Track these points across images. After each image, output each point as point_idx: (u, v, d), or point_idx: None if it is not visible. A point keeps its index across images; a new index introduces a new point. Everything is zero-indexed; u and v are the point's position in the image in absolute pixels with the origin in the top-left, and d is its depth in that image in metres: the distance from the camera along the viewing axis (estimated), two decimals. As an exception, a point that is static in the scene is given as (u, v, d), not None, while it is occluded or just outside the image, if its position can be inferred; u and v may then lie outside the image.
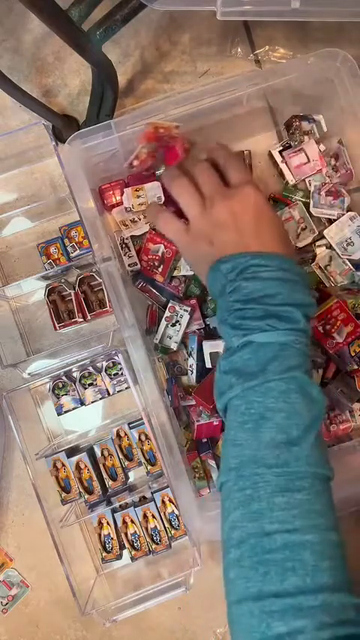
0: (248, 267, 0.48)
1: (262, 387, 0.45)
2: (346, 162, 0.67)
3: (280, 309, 0.46)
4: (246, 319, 0.47)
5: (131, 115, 0.61)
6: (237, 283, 0.48)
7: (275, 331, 0.45)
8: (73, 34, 0.57)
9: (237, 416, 0.46)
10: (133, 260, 0.69)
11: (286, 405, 0.44)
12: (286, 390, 0.44)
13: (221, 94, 0.62)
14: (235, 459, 0.44)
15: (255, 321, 0.46)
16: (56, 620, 0.78)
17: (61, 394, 0.74)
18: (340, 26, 0.74)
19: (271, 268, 0.47)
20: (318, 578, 0.38)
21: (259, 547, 0.40)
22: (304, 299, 0.48)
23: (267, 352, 0.45)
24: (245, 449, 0.44)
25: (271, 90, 0.64)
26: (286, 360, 0.45)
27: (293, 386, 0.44)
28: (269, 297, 0.46)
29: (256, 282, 0.47)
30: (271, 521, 0.40)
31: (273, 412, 0.43)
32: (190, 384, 0.70)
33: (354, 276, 0.69)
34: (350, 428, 0.68)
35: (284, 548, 0.39)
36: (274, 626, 0.37)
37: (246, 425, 0.44)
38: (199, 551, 0.69)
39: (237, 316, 0.47)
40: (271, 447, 0.42)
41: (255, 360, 0.46)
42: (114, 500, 0.73)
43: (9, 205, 0.76)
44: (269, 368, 0.45)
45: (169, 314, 0.68)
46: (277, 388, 0.44)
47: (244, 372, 0.46)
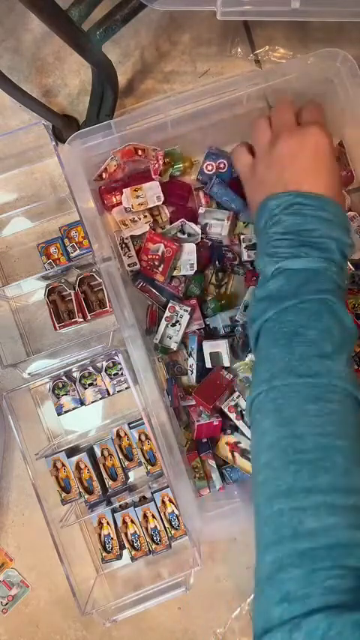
0: (293, 204, 0.49)
1: (295, 308, 0.45)
2: (347, 164, 0.67)
3: (317, 240, 0.47)
4: (282, 247, 0.48)
5: (131, 115, 0.61)
6: (278, 217, 0.49)
7: (308, 257, 0.47)
8: (73, 34, 0.57)
9: (270, 336, 0.46)
10: (132, 260, 0.69)
11: (318, 324, 0.44)
12: (318, 310, 0.45)
13: (221, 94, 0.61)
14: (266, 372, 0.45)
15: (290, 249, 0.48)
16: (56, 620, 0.78)
17: (61, 394, 0.74)
18: (340, 26, 0.74)
19: (314, 207, 0.48)
20: (350, 481, 0.37)
21: (291, 448, 0.39)
22: (342, 237, 0.49)
23: (300, 277, 0.47)
24: (277, 362, 0.44)
25: (271, 90, 0.64)
26: (319, 284, 0.46)
27: (326, 307, 0.45)
28: (307, 231, 0.48)
29: (297, 217, 0.48)
30: (303, 424, 0.40)
31: (306, 329, 0.44)
32: (190, 384, 0.70)
33: (354, 276, 0.69)
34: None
35: (316, 450, 0.39)
36: (306, 522, 0.36)
37: (279, 342, 0.45)
38: (199, 551, 0.69)
39: (274, 245, 0.49)
40: (304, 358, 0.43)
41: (288, 285, 0.47)
42: (114, 500, 0.73)
43: (9, 205, 0.76)
44: (302, 290, 0.46)
45: (169, 314, 0.68)
46: (309, 308, 0.45)
47: (277, 296, 0.47)
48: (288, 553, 0.36)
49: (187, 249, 0.67)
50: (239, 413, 0.67)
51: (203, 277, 0.71)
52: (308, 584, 0.34)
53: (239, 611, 0.76)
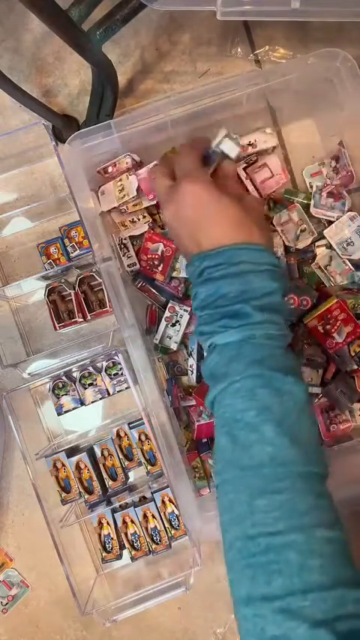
0: (202, 270, 0.48)
1: (230, 389, 0.44)
2: (347, 164, 0.67)
3: (231, 309, 0.46)
4: (207, 324, 0.47)
5: (131, 115, 0.61)
6: (196, 289, 0.49)
7: (229, 330, 0.45)
8: (73, 34, 0.57)
9: (217, 421, 0.46)
10: (132, 260, 0.69)
11: (254, 403, 0.43)
12: (251, 387, 0.43)
13: (221, 94, 0.61)
14: (219, 462, 0.44)
15: (212, 325, 0.46)
16: (56, 620, 0.78)
17: (61, 394, 0.74)
18: (340, 26, 0.74)
19: (220, 267, 0.46)
20: (306, 578, 0.37)
21: (245, 551, 0.39)
22: (261, 289, 0.46)
23: (229, 352, 0.45)
24: (225, 452, 0.44)
25: (271, 90, 0.64)
26: (246, 357, 0.44)
27: (258, 381, 0.43)
28: (222, 298, 0.46)
29: (210, 285, 0.47)
30: (253, 524, 0.40)
31: (243, 412, 0.43)
32: (190, 384, 0.70)
33: (354, 276, 0.69)
34: (350, 428, 0.68)
35: (267, 551, 0.38)
36: (267, 629, 0.36)
37: (223, 428, 0.44)
38: (199, 551, 0.69)
39: (199, 322, 0.48)
40: (246, 447, 0.42)
41: (221, 362, 0.46)
42: (114, 500, 0.73)
43: (9, 205, 0.76)
44: (231, 369, 0.44)
45: (169, 314, 0.68)
46: (243, 387, 0.44)
47: (215, 375, 0.46)
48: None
49: None
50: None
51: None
52: None
53: (239, 611, 0.76)
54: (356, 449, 0.68)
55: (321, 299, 0.67)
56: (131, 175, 0.66)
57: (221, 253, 0.47)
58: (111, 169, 0.67)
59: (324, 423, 0.68)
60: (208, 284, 0.47)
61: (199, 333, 0.49)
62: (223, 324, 0.46)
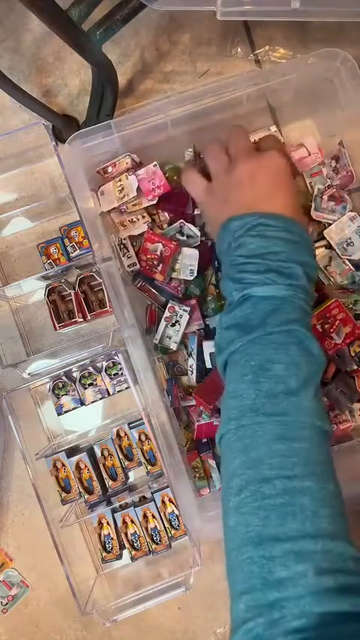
0: (256, 225, 0.48)
1: (261, 339, 0.45)
2: (347, 164, 0.67)
3: (282, 265, 0.47)
4: (247, 272, 0.47)
5: (131, 115, 0.61)
6: (242, 239, 0.49)
7: (275, 285, 0.46)
8: (73, 34, 0.57)
9: (237, 369, 0.46)
10: (132, 261, 0.69)
11: (285, 357, 0.44)
12: (285, 342, 0.45)
13: (221, 94, 0.62)
14: (234, 409, 0.44)
15: (256, 275, 0.47)
16: (56, 620, 0.78)
17: (61, 394, 0.74)
18: (340, 26, 0.74)
19: (278, 228, 0.48)
20: (317, 524, 0.38)
21: (259, 493, 0.40)
22: (306, 259, 0.49)
23: (267, 305, 0.46)
24: (245, 399, 0.44)
25: (271, 90, 0.64)
26: (286, 314, 0.46)
27: (292, 339, 0.45)
28: (272, 254, 0.47)
29: (261, 240, 0.48)
30: (271, 467, 0.40)
31: (272, 363, 0.44)
32: (190, 384, 0.70)
33: (354, 277, 0.69)
34: (350, 428, 0.68)
35: (284, 493, 0.39)
36: (275, 570, 0.36)
37: (246, 376, 0.45)
38: (199, 551, 0.69)
39: (239, 270, 0.48)
40: (270, 396, 0.43)
41: (255, 314, 0.46)
42: (114, 500, 0.73)
43: (9, 205, 0.76)
44: (269, 320, 0.45)
45: (169, 314, 0.68)
46: (276, 340, 0.45)
47: (244, 325, 0.46)
48: (259, 604, 0.37)
49: (190, 255, 0.67)
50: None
51: (203, 277, 0.71)
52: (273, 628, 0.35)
53: (239, 611, 0.76)
54: (356, 449, 0.68)
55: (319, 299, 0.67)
56: (131, 175, 0.66)
57: (282, 219, 0.49)
58: (111, 169, 0.67)
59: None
60: (261, 238, 0.48)
61: (234, 280, 0.48)
62: (270, 276, 0.46)
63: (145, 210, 0.69)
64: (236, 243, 0.49)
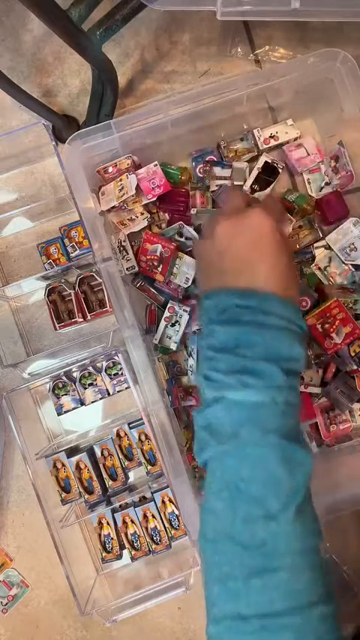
0: (229, 306, 0.42)
1: (237, 452, 0.40)
2: (346, 164, 0.67)
3: (255, 365, 0.40)
4: (218, 371, 0.41)
5: (131, 115, 0.61)
6: (212, 326, 0.43)
7: (249, 389, 0.40)
8: (73, 34, 0.57)
9: (213, 480, 0.42)
10: (131, 263, 0.69)
11: (262, 474, 0.39)
12: (262, 455, 0.39)
13: (221, 94, 0.62)
14: (211, 530, 0.41)
15: (227, 376, 0.40)
16: (56, 620, 0.78)
17: (61, 394, 0.74)
18: (340, 26, 0.74)
19: (251, 310, 0.41)
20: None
21: (235, 629, 0.38)
22: (291, 351, 0.41)
23: (241, 412, 0.40)
24: (221, 520, 0.40)
25: (271, 90, 0.64)
26: (262, 423, 0.40)
27: (270, 452, 0.39)
28: (245, 348, 0.41)
29: (233, 328, 0.41)
30: (248, 604, 0.37)
31: (248, 482, 0.39)
32: (190, 384, 0.70)
33: (354, 276, 0.69)
34: (350, 428, 0.68)
35: (261, 631, 0.37)
36: None
37: (222, 493, 0.40)
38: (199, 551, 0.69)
39: (209, 366, 0.42)
40: (248, 522, 0.39)
41: (228, 420, 0.41)
42: (114, 500, 0.73)
43: (9, 205, 0.76)
44: (243, 432, 0.40)
45: (169, 314, 0.68)
46: (252, 454, 0.40)
47: (218, 431, 0.41)
48: None
49: (188, 263, 0.67)
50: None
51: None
52: None
53: (239, 611, 0.76)
54: (356, 449, 0.68)
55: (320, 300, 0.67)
56: (131, 175, 0.66)
57: (256, 296, 0.42)
58: (111, 169, 0.67)
59: (324, 423, 0.68)
60: (232, 326, 0.41)
61: (206, 377, 0.42)
62: (243, 380, 0.40)
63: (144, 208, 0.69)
64: (207, 329, 0.43)
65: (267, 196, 0.54)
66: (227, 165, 0.69)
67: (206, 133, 0.70)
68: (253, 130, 0.70)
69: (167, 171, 0.69)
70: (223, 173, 0.70)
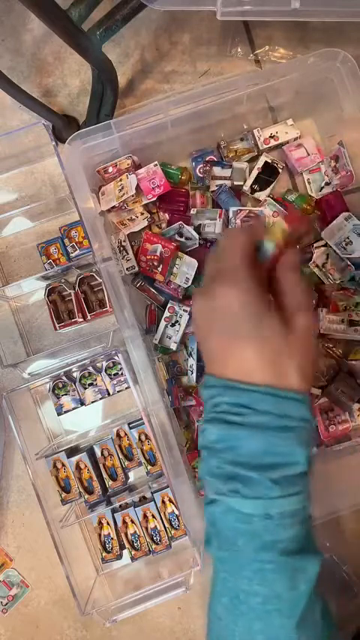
0: (218, 403, 0.37)
1: (233, 563, 0.38)
2: (346, 164, 0.67)
3: (245, 473, 0.36)
4: (211, 476, 0.38)
5: (131, 115, 0.61)
6: (205, 425, 0.39)
7: (240, 499, 0.36)
8: (73, 34, 0.57)
9: (216, 581, 0.40)
10: (131, 263, 0.69)
11: (261, 589, 0.36)
12: (260, 569, 0.36)
13: (221, 94, 0.62)
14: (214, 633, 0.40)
15: (219, 482, 0.37)
16: (56, 620, 0.78)
17: (61, 394, 0.74)
18: (340, 26, 0.74)
19: (241, 411, 0.36)
20: None
21: None
22: (287, 457, 0.36)
23: (237, 521, 0.37)
24: (223, 628, 0.38)
25: (271, 90, 0.64)
26: (258, 537, 0.36)
27: (268, 566, 0.36)
28: (232, 452, 0.37)
29: (224, 429, 0.37)
30: None
31: (247, 595, 0.37)
32: (190, 384, 0.70)
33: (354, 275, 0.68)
34: (350, 428, 0.68)
35: None
36: None
37: (222, 598, 0.38)
38: (199, 551, 0.69)
39: (204, 467, 0.39)
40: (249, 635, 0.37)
41: (226, 524, 0.38)
42: (114, 500, 0.73)
43: (9, 205, 0.76)
44: (239, 542, 0.37)
45: (169, 314, 0.68)
46: (248, 568, 0.37)
47: (220, 533, 0.38)
48: None
49: (189, 263, 0.67)
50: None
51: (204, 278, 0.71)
52: None
53: (239, 611, 0.76)
54: (356, 449, 0.68)
55: (320, 299, 0.67)
56: (131, 175, 0.66)
57: (246, 393, 0.36)
58: (111, 169, 0.67)
59: (323, 424, 0.68)
60: (223, 426, 0.37)
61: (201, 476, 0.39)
62: (233, 487, 0.36)
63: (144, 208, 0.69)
64: (202, 427, 0.39)
65: (228, 232, 0.45)
66: (227, 165, 0.69)
67: (206, 133, 0.70)
68: (253, 130, 0.70)
69: (167, 171, 0.69)
70: (223, 173, 0.70)
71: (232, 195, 0.69)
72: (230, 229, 0.50)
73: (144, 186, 0.67)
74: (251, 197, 0.71)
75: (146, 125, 0.61)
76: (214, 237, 0.70)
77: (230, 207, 0.68)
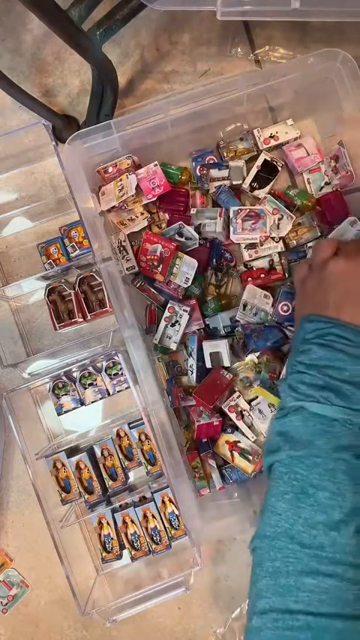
0: (327, 334, 0.46)
1: (308, 460, 0.43)
2: (346, 164, 0.67)
3: (341, 385, 0.44)
4: (304, 384, 0.45)
5: (131, 115, 0.61)
6: (309, 345, 0.47)
7: (329, 405, 0.43)
8: (73, 34, 0.57)
9: (279, 483, 0.44)
10: (131, 263, 0.69)
11: (330, 484, 0.42)
12: (333, 468, 0.42)
13: (221, 94, 0.62)
14: (270, 527, 0.43)
15: (311, 389, 0.45)
16: (56, 620, 0.78)
17: (61, 394, 0.74)
18: (340, 26, 0.74)
19: (349, 343, 0.45)
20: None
21: (282, 622, 0.39)
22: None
23: (318, 424, 0.44)
24: (282, 520, 0.42)
25: (271, 90, 0.64)
26: (337, 439, 0.43)
27: (341, 466, 0.42)
28: (334, 370, 0.45)
29: (327, 351, 0.46)
30: (297, 600, 0.39)
31: (316, 489, 0.42)
32: (190, 384, 0.70)
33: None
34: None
35: (307, 629, 0.38)
36: None
37: (286, 495, 0.43)
38: (199, 551, 0.69)
39: (296, 378, 0.46)
40: (309, 525, 0.41)
41: (305, 430, 0.44)
42: (114, 500, 0.73)
43: (9, 205, 0.76)
44: (317, 442, 0.43)
45: (169, 314, 0.68)
46: (323, 465, 0.42)
47: (292, 438, 0.44)
48: None
49: (189, 263, 0.67)
50: (239, 413, 0.67)
51: (203, 278, 0.71)
52: None
53: (239, 611, 0.76)
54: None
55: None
56: (131, 175, 0.66)
57: (354, 332, 0.46)
58: (111, 169, 0.67)
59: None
60: (327, 349, 0.46)
61: (290, 387, 0.46)
62: (325, 395, 0.44)
63: (144, 208, 0.69)
64: (302, 347, 0.48)
65: None
66: (224, 166, 0.69)
67: (206, 133, 0.70)
68: (253, 130, 0.70)
69: (167, 171, 0.69)
70: (221, 174, 0.70)
71: (232, 194, 0.69)
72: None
73: (144, 186, 0.67)
74: (250, 195, 0.71)
75: (146, 125, 0.61)
76: (214, 237, 0.70)
77: (231, 206, 0.68)
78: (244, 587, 0.75)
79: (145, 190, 0.67)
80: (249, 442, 0.67)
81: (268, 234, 0.68)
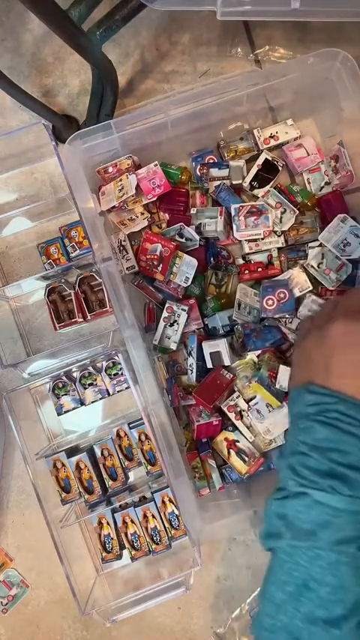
0: (330, 410, 0.43)
1: (310, 552, 0.41)
2: (346, 164, 0.67)
3: (347, 473, 0.41)
4: (308, 469, 0.42)
5: (131, 115, 0.61)
6: (310, 423, 0.43)
7: (333, 495, 0.40)
8: (73, 34, 0.57)
9: (280, 571, 0.42)
10: (131, 263, 0.69)
11: (333, 579, 0.40)
12: (335, 561, 0.40)
13: (221, 94, 0.62)
14: (269, 618, 0.42)
15: (316, 476, 0.41)
16: (56, 620, 0.78)
17: (61, 394, 0.74)
18: (340, 26, 0.74)
19: (353, 422, 0.42)
20: None
21: None
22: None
23: (322, 514, 0.41)
24: (281, 612, 0.41)
25: (271, 90, 0.64)
26: (341, 530, 0.41)
27: (344, 558, 0.40)
28: (340, 454, 0.41)
29: (332, 431, 0.42)
30: None
31: (317, 583, 0.40)
32: (190, 383, 0.70)
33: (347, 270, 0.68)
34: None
35: None
36: None
37: (287, 587, 0.41)
38: (199, 551, 0.69)
39: (299, 461, 0.43)
40: (309, 621, 0.40)
41: (307, 517, 0.41)
42: (114, 500, 0.73)
43: (9, 205, 0.76)
44: (321, 534, 0.41)
45: (167, 314, 0.68)
46: (326, 558, 0.40)
47: (294, 525, 0.42)
48: None
49: (189, 262, 0.67)
50: (239, 413, 0.67)
51: (203, 277, 0.71)
52: None
53: (239, 611, 0.76)
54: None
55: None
56: (131, 175, 0.66)
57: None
58: (111, 169, 0.67)
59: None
60: (331, 429, 0.42)
61: (293, 470, 0.43)
62: (330, 483, 0.41)
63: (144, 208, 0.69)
64: (303, 424, 0.44)
65: None
66: (224, 166, 0.69)
67: (206, 133, 0.70)
68: (253, 130, 0.70)
69: (167, 171, 0.69)
70: (221, 173, 0.70)
71: (232, 192, 0.69)
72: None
73: (144, 186, 0.67)
74: (250, 194, 0.71)
75: (146, 125, 0.61)
76: (215, 236, 0.70)
77: (231, 204, 0.68)
78: (244, 587, 0.75)
79: (145, 190, 0.67)
80: (247, 443, 0.67)
81: (271, 229, 0.68)
